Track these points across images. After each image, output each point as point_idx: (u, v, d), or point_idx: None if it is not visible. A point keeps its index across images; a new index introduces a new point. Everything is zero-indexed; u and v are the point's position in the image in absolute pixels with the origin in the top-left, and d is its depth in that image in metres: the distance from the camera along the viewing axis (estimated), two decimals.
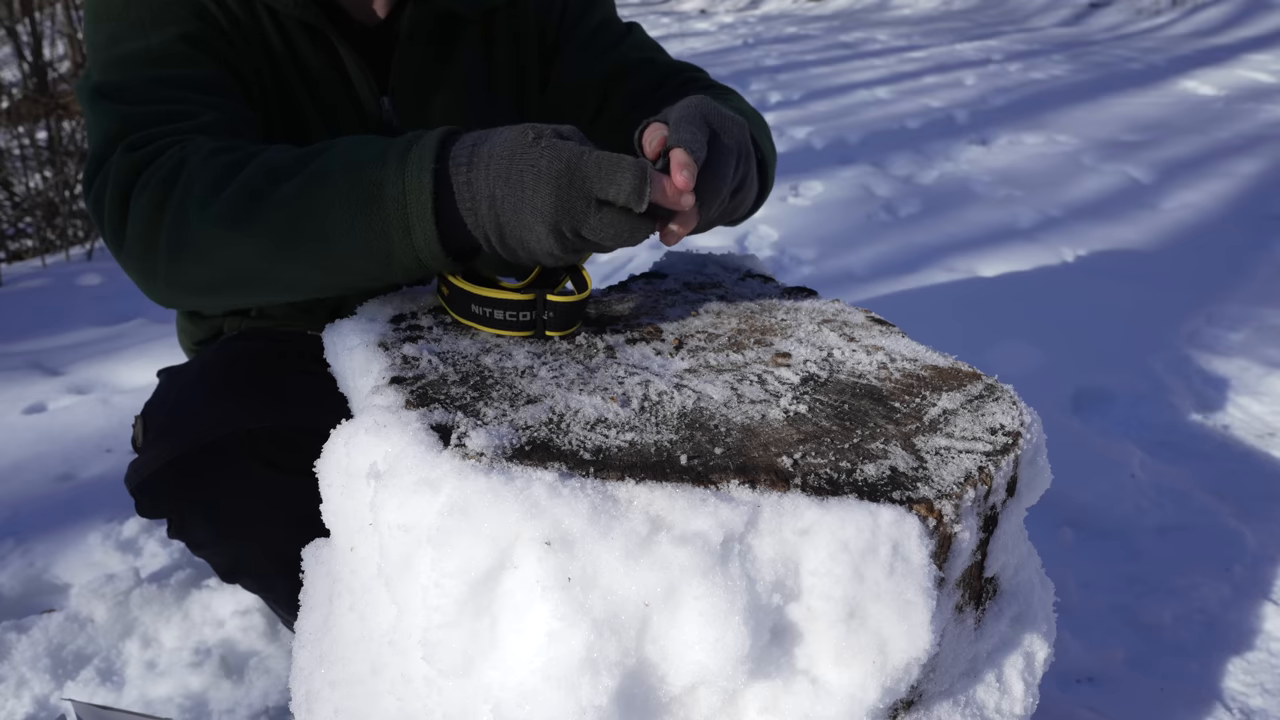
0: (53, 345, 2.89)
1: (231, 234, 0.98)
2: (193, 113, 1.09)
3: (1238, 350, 2.70)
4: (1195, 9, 9.26)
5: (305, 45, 1.26)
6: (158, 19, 1.16)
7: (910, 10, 11.15)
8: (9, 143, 4.61)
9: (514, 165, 0.90)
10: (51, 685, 1.55)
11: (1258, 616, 1.69)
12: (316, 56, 1.27)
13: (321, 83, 1.28)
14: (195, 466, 1.24)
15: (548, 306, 1.02)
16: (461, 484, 0.74)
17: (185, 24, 1.16)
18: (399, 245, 0.95)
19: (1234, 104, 5.61)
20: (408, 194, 0.92)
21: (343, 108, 1.30)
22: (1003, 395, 0.97)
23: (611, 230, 0.91)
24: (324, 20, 1.24)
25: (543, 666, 0.69)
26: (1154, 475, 2.09)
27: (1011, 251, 3.47)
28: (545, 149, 0.90)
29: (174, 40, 1.15)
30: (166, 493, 1.26)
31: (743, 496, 0.76)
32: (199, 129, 1.08)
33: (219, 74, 1.17)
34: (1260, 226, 3.69)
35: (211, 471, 1.23)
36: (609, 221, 0.90)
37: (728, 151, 1.00)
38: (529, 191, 0.90)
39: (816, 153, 4.99)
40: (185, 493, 1.25)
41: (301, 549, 1.02)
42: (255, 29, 1.23)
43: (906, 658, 0.76)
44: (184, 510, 1.27)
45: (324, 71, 1.28)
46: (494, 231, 0.94)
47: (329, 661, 0.90)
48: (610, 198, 0.89)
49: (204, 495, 1.25)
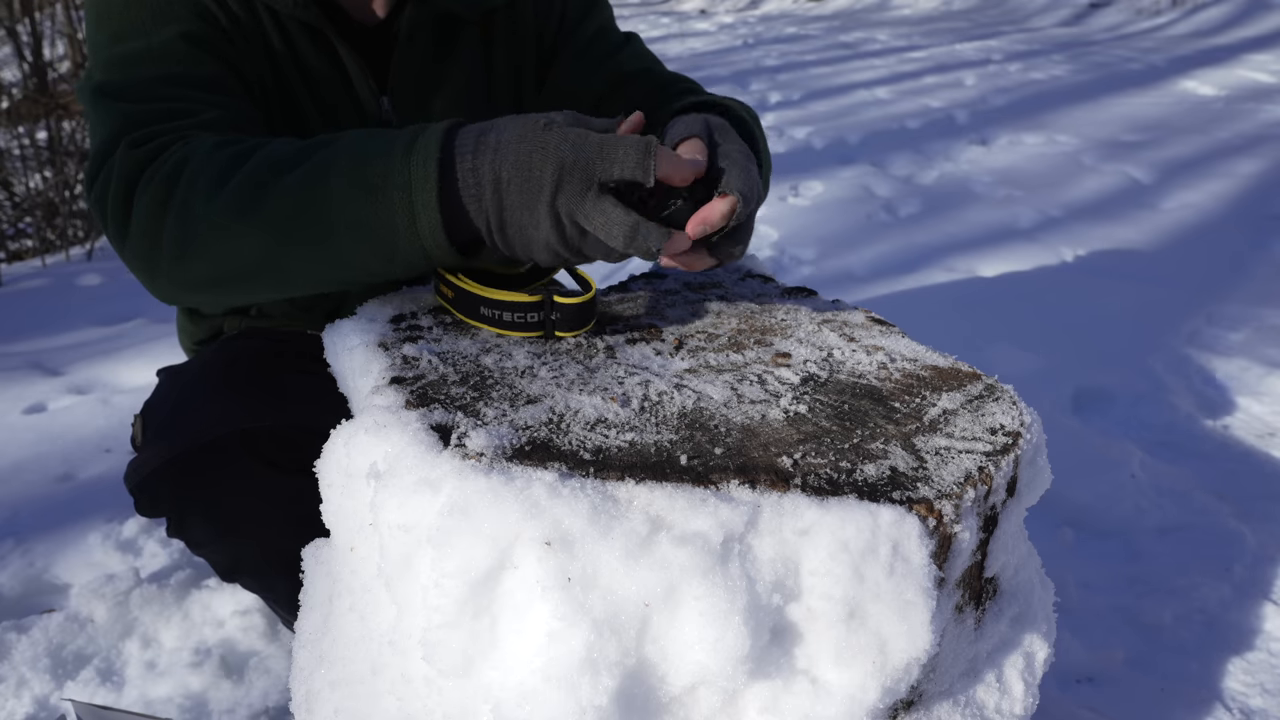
0: (53, 345, 2.89)
1: (236, 225, 0.97)
2: (195, 110, 1.09)
3: (1238, 350, 2.70)
4: (1195, 9, 9.26)
5: (305, 45, 1.26)
6: (158, 18, 1.16)
7: (910, 10, 11.15)
8: (9, 143, 4.61)
9: (522, 147, 0.90)
10: (51, 685, 1.55)
11: (1258, 616, 1.69)
12: (317, 57, 1.27)
13: (322, 82, 1.28)
14: (194, 465, 1.24)
15: (555, 308, 1.02)
16: (461, 484, 0.74)
17: (186, 23, 1.16)
18: (404, 235, 0.94)
19: (1234, 104, 5.61)
20: (413, 182, 0.92)
21: (343, 107, 1.30)
22: (1003, 395, 0.97)
23: (611, 222, 0.89)
24: (324, 20, 1.24)
25: (543, 666, 0.69)
26: (1154, 475, 2.09)
27: (1011, 251, 3.47)
28: (555, 132, 0.90)
29: (175, 39, 1.15)
30: (165, 491, 1.26)
31: (743, 496, 0.76)
32: (202, 126, 1.07)
33: (221, 73, 1.17)
34: (1260, 226, 3.69)
35: (211, 470, 1.23)
36: (609, 212, 0.89)
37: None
38: (536, 172, 0.89)
39: (816, 153, 4.99)
40: (184, 491, 1.25)
41: (301, 548, 1.02)
42: (256, 29, 1.23)
43: (906, 658, 0.76)
44: (183, 509, 1.27)
45: (324, 71, 1.28)
46: (495, 218, 0.93)
47: (329, 661, 0.90)
48: (615, 175, 0.88)
49: (203, 494, 1.25)
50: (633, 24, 10.85)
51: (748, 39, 9.41)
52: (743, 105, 1.23)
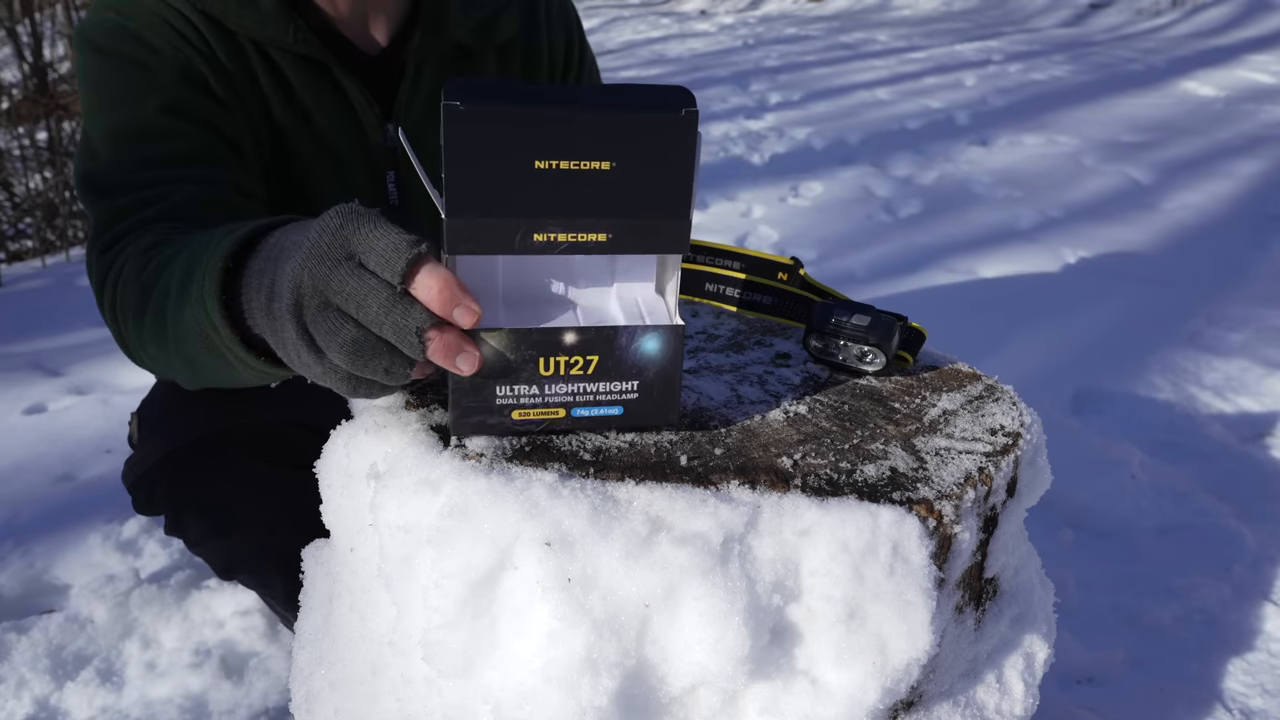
0: (53, 346, 2.89)
1: (156, 352, 0.97)
2: (164, 195, 1.09)
3: (1238, 351, 2.70)
4: (1196, 10, 9.26)
5: (301, 80, 1.23)
6: (141, 88, 1.15)
7: (910, 11, 11.15)
8: (9, 143, 4.61)
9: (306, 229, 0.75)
10: (51, 686, 1.55)
11: (1258, 617, 1.69)
12: (317, 90, 1.24)
13: (321, 116, 1.26)
14: (188, 461, 1.25)
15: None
16: (461, 484, 0.74)
17: (168, 91, 1.15)
18: (204, 324, 0.84)
19: (1234, 105, 5.61)
20: (206, 277, 0.83)
21: (345, 139, 1.28)
22: (1002, 396, 0.97)
23: (369, 301, 0.68)
24: (325, 52, 1.22)
25: (543, 667, 0.69)
26: (1154, 475, 2.09)
27: (1011, 252, 3.47)
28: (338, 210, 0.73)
29: (155, 113, 1.14)
30: (160, 488, 1.27)
31: (743, 497, 0.76)
32: (164, 214, 1.07)
33: (200, 144, 1.15)
34: (1260, 227, 3.69)
35: (204, 466, 1.24)
36: (368, 288, 0.68)
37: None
38: (300, 239, 0.74)
39: (817, 153, 4.99)
40: (179, 489, 1.26)
41: (297, 546, 1.02)
42: (245, 74, 1.21)
43: (906, 658, 0.76)
44: (178, 506, 1.28)
45: (324, 104, 1.26)
46: (264, 300, 0.78)
47: (329, 662, 0.90)
48: (365, 257, 0.70)
49: (197, 491, 1.26)
50: (633, 24, 10.86)
51: (748, 40, 9.41)
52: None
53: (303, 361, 0.74)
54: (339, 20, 1.25)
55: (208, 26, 1.18)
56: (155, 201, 1.08)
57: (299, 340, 0.73)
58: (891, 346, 0.96)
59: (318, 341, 0.72)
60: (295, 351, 0.74)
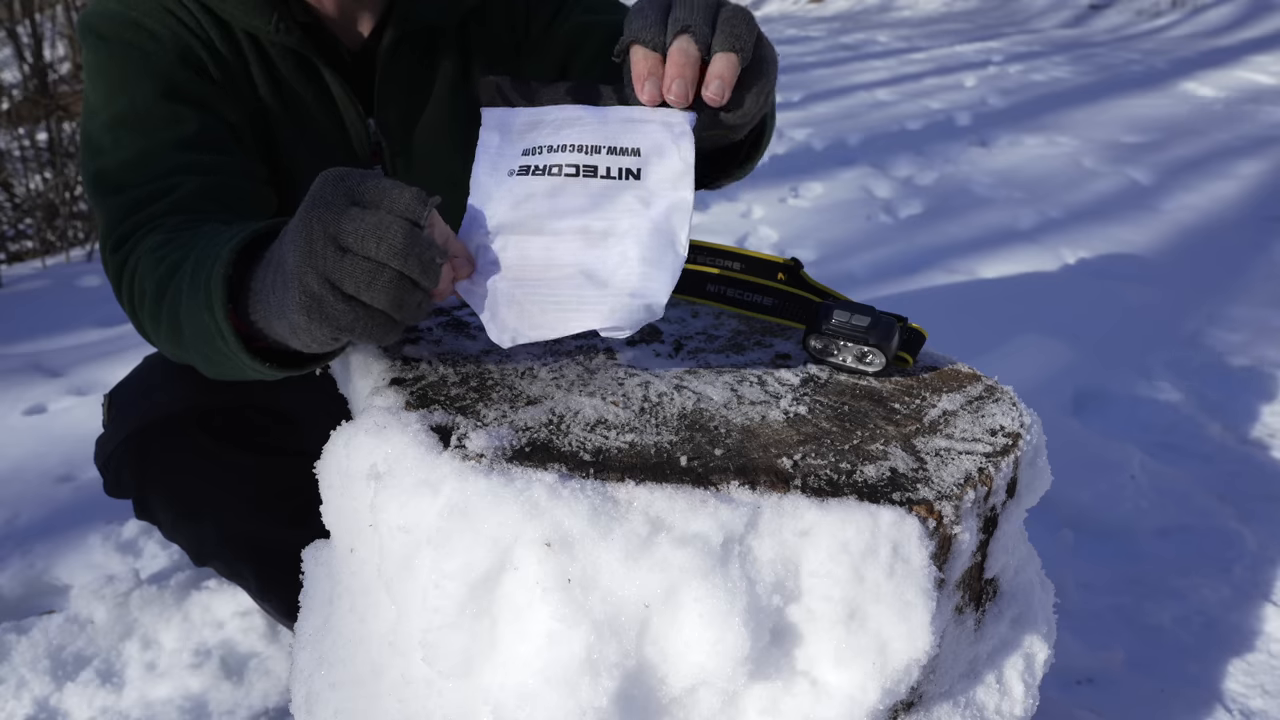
0: (53, 346, 2.89)
1: (175, 349, 1.00)
2: (171, 186, 1.09)
3: (1238, 351, 2.70)
4: (1196, 11, 9.26)
5: (290, 73, 1.26)
6: (141, 73, 1.16)
7: (911, 12, 11.15)
8: (9, 144, 4.61)
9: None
10: (51, 686, 1.55)
11: (1258, 618, 1.69)
12: (303, 84, 1.27)
13: (309, 108, 1.28)
14: (149, 441, 1.28)
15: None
16: (461, 485, 0.74)
17: (168, 76, 1.17)
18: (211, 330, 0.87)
19: (1235, 106, 5.61)
20: (214, 274, 0.85)
21: (330, 133, 1.30)
22: (1002, 396, 0.97)
23: (391, 233, 0.73)
24: (309, 45, 1.24)
25: (543, 668, 0.69)
26: (1154, 476, 2.09)
27: (1012, 253, 3.47)
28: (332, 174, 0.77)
29: (157, 99, 1.15)
30: (125, 470, 1.30)
31: (743, 498, 0.76)
32: (173, 208, 1.08)
33: (202, 127, 1.16)
34: (1261, 228, 3.69)
35: (165, 445, 1.27)
36: (387, 223, 0.73)
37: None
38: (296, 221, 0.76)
39: (817, 154, 4.99)
40: (142, 466, 1.30)
41: (261, 532, 1.02)
42: (239, 62, 1.23)
43: (906, 659, 0.76)
44: (143, 486, 1.31)
45: (309, 98, 1.28)
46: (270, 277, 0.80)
47: (329, 663, 0.90)
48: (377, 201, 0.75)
49: (159, 471, 1.29)
50: None
51: None
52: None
53: (326, 315, 0.74)
54: (325, 15, 1.26)
55: (205, 16, 1.21)
56: (163, 195, 1.09)
57: (321, 292, 0.73)
58: (891, 347, 0.96)
59: (345, 288, 0.74)
60: (316, 312, 0.74)
